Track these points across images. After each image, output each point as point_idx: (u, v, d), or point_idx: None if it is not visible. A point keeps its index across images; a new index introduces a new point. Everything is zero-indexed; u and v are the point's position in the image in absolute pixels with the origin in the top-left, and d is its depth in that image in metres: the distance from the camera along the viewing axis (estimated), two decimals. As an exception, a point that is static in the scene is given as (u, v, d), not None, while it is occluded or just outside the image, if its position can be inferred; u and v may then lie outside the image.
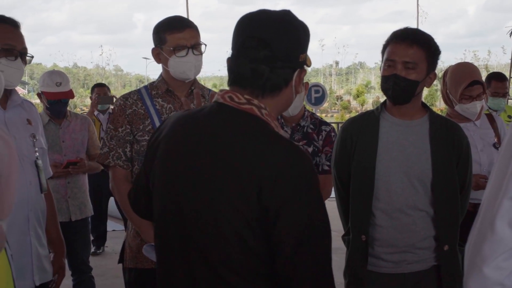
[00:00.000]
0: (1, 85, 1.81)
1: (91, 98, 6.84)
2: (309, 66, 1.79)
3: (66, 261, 2.97)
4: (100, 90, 6.74)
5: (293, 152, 1.61)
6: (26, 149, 2.59)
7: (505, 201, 1.52)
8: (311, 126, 3.64)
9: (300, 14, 1.80)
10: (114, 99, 6.47)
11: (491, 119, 3.84)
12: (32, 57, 2.66)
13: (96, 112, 6.59)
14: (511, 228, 1.51)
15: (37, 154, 2.65)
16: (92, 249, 5.97)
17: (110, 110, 6.70)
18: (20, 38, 2.57)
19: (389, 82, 2.62)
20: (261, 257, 1.60)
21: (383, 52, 2.69)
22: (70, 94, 4.56)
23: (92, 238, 5.64)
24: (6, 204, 0.96)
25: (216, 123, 1.68)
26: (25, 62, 2.59)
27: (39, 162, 2.65)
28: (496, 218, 1.53)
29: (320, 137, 3.58)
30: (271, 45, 1.65)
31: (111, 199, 8.68)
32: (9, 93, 2.62)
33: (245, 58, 1.68)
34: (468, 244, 1.62)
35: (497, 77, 5.33)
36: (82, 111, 31.86)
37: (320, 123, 3.68)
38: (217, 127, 1.67)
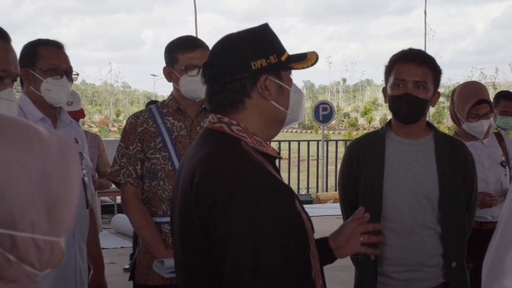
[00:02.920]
0: (12, 112, 1.85)
1: None
2: (296, 68, 1.72)
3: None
4: None
5: (220, 164, 1.58)
6: None
7: None
8: None
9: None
10: None
11: (499, 137, 3.86)
12: (78, 74, 2.83)
13: None
14: None
15: (84, 171, 2.76)
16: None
17: None
18: (64, 58, 2.71)
19: (401, 102, 2.63)
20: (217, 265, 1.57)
21: (387, 72, 2.71)
22: (81, 114, 4.60)
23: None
24: (64, 221, 0.97)
25: (196, 145, 1.73)
26: (71, 79, 2.73)
27: (86, 179, 2.78)
28: None
29: None
30: (212, 64, 1.68)
31: (119, 215, 8.78)
32: (59, 113, 2.76)
33: (203, 83, 1.73)
34: (487, 258, 1.65)
35: (505, 96, 5.35)
36: (90, 128, 31.53)
37: None
38: (195, 148, 1.72)
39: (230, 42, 1.69)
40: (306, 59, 1.73)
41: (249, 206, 1.51)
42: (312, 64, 1.73)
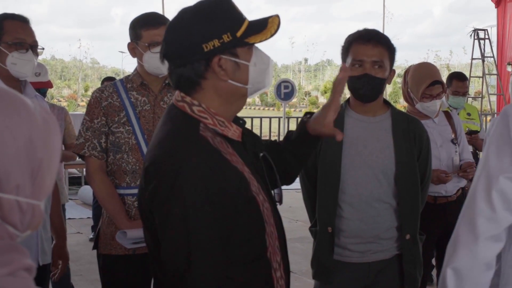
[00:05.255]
0: None
1: None
2: (254, 42, 1.66)
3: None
4: None
5: (167, 151, 1.60)
6: None
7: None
8: None
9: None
10: None
11: (448, 116, 3.99)
12: (43, 49, 2.84)
13: None
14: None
15: None
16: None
17: None
18: (30, 32, 2.73)
19: (361, 82, 2.69)
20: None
21: (344, 53, 2.76)
22: (48, 84, 4.65)
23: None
24: (45, 186, 1.02)
25: (160, 123, 1.74)
26: (36, 54, 2.75)
27: None
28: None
29: None
30: (165, 44, 1.65)
31: (86, 187, 8.84)
32: (23, 86, 2.78)
33: (161, 60, 1.71)
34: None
35: (458, 77, 5.51)
36: (59, 102, 31.00)
37: None
38: (159, 126, 1.73)
39: (182, 21, 1.64)
40: (266, 29, 1.66)
41: (187, 197, 1.53)
42: (272, 35, 1.66)
